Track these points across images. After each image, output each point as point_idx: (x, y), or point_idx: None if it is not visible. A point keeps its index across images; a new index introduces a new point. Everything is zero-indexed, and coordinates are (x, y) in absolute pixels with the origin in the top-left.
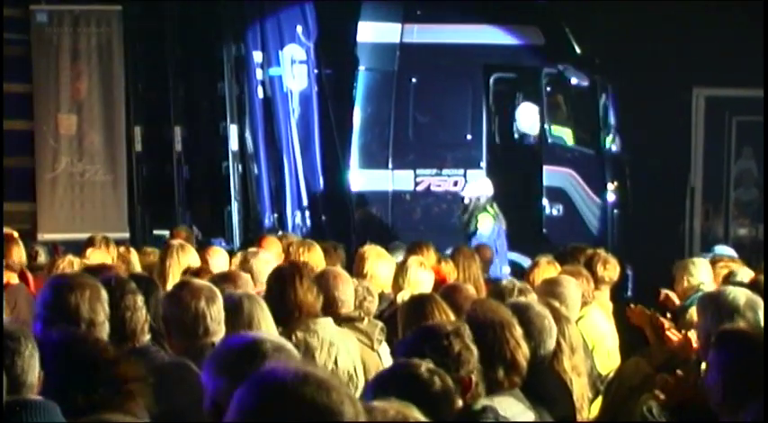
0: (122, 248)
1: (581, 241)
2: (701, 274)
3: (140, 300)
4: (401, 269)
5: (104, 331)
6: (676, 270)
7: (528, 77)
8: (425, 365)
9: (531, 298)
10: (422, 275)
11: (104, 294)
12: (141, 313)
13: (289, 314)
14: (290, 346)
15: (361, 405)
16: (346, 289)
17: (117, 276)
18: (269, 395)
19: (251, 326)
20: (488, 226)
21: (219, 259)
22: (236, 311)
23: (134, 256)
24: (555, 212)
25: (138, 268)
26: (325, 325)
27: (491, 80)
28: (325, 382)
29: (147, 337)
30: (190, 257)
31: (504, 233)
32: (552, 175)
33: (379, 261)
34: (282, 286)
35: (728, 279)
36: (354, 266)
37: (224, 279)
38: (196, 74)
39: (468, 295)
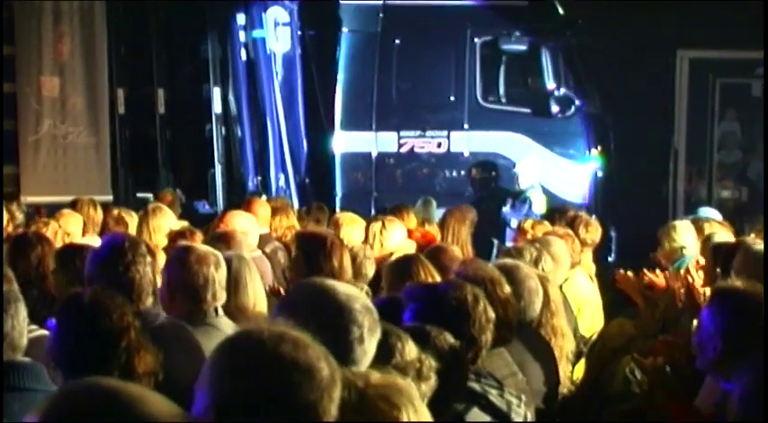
0: (116, 211)
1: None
2: (683, 238)
3: (149, 262)
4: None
5: None
6: (660, 234)
7: (511, 38)
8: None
9: (549, 264)
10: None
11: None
12: (149, 276)
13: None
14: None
15: (336, 363)
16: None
17: (130, 237)
18: (247, 355)
19: (238, 286)
20: (542, 201)
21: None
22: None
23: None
24: None
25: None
26: None
27: (474, 41)
28: (301, 340)
29: (150, 299)
30: (163, 220)
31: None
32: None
33: (353, 227)
34: (327, 252)
35: (707, 241)
36: None
37: (218, 239)
38: (179, 36)
39: (454, 256)
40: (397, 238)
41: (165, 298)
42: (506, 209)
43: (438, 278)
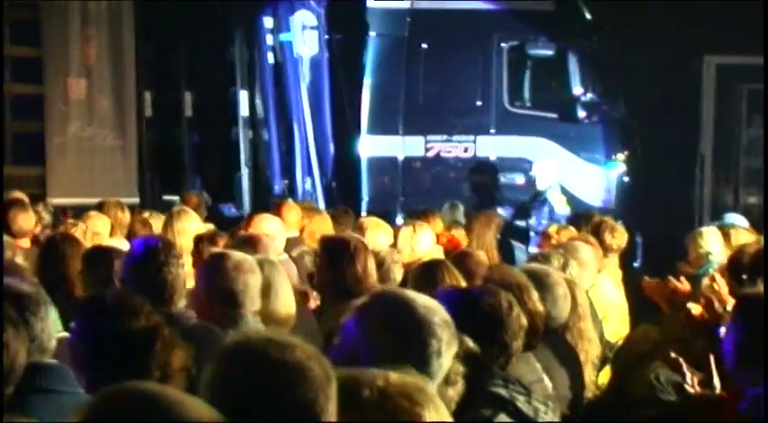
0: (145, 214)
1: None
2: (710, 244)
3: (182, 265)
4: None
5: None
6: (686, 241)
7: (537, 43)
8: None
9: (575, 269)
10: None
11: None
12: (181, 279)
13: (357, 286)
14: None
15: (328, 362)
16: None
17: (163, 239)
18: (236, 360)
19: (268, 291)
20: (562, 201)
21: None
22: None
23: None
24: None
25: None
26: None
27: (501, 45)
28: (288, 342)
29: (183, 302)
30: (187, 223)
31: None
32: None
33: (378, 231)
34: (350, 257)
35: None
36: None
37: (244, 242)
38: (206, 39)
39: (480, 261)
40: (426, 242)
41: (201, 302)
42: (532, 221)
43: (463, 283)
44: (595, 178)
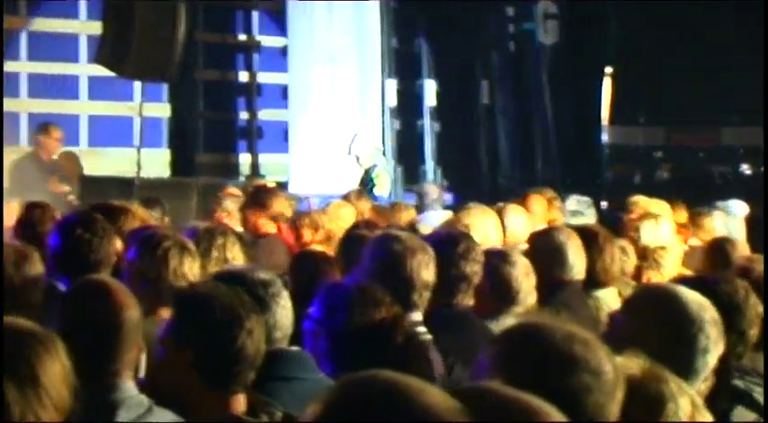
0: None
1: None
2: None
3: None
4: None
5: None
6: None
7: None
8: None
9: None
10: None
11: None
12: (478, 276)
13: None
14: None
15: (618, 363)
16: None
17: (461, 234)
18: (539, 351)
19: None
20: (387, 186)
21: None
22: None
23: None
24: None
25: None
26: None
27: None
28: (591, 340)
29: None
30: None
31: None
32: None
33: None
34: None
35: None
36: None
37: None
38: (449, 28)
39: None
40: (665, 232)
41: (478, 294)
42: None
43: None
44: None
